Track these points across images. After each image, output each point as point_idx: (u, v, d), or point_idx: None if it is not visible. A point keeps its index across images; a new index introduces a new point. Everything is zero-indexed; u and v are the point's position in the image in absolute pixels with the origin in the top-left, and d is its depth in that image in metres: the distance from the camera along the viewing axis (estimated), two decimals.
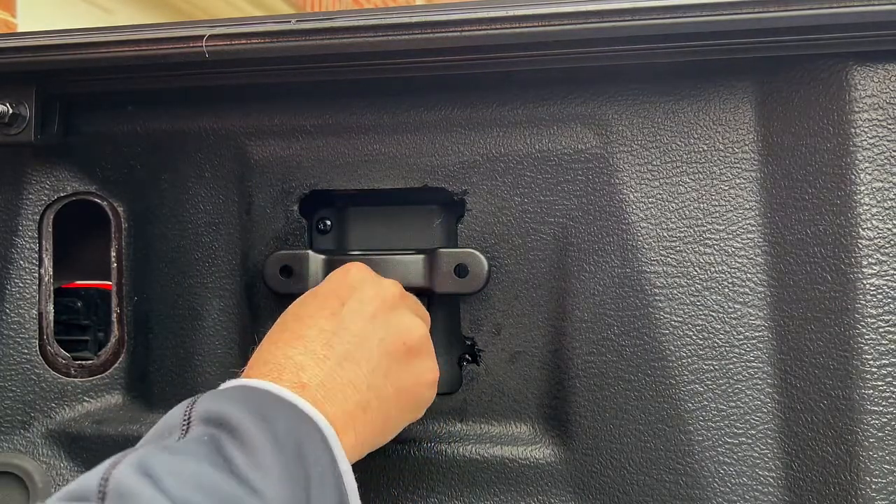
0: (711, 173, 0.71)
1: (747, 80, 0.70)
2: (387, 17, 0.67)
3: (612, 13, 0.63)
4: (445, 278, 0.74)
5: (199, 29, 0.70)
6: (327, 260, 0.76)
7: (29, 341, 0.84)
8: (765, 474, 0.70)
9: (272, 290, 0.77)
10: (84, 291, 1.03)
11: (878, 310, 0.66)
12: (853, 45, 0.64)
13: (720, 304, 0.70)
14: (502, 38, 0.65)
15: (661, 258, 0.72)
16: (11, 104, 0.75)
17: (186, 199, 0.81)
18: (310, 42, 0.68)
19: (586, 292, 0.73)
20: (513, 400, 0.76)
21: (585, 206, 0.73)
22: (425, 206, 0.81)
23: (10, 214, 0.84)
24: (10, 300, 0.84)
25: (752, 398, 0.70)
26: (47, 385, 0.84)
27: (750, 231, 0.70)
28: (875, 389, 0.66)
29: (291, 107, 0.78)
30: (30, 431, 0.84)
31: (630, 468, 0.72)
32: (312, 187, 0.78)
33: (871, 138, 0.66)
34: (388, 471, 0.77)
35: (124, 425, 0.82)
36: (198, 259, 0.81)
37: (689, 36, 0.64)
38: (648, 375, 0.72)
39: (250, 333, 0.81)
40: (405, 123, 0.76)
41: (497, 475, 0.75)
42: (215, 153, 0.80)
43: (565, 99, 0.73)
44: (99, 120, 0.82)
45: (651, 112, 0.72)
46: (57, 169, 0.84)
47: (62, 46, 0.73)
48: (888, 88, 0.66)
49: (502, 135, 0.75)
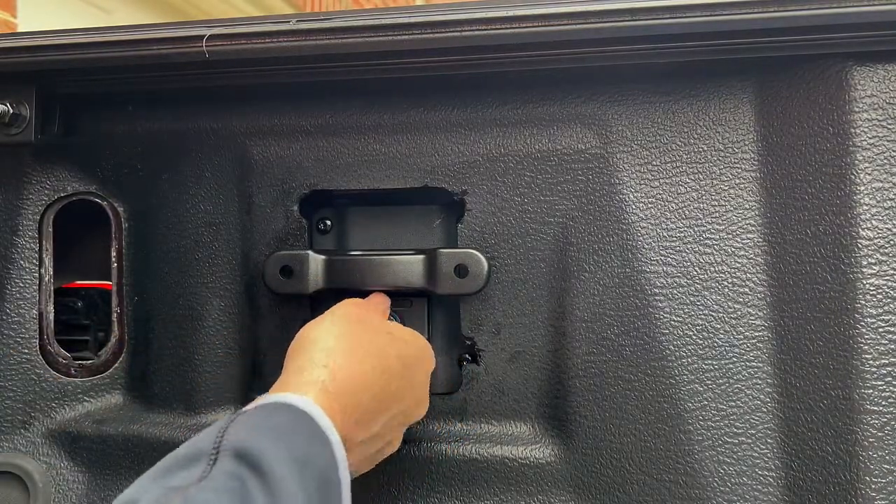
0: (711, 173, 0.71)
1: (747, 80, 0.70)
2: (387, 17, 0.67)
3: (612, 13, 0.63)
4: (445, 278, 0.74)
5: (199, 29, 0.70)
6: (327, 260, 0.76)
7: (29, 341, 0.84)
8: (765, 474, 0.70)
9: (272, 290, 0.77)
10: (84, 291, 1.03)
11: (878, 310, 0.66)
12: (853, 45, 0.64)
13: (720, 304, 0.70)
14: (502, 38, 0.65)
15: (661, 258, 0.72)
16: (11, 104, 0.75)
17: (186, 199, 0.81)
18: (310, 42, 0.68)
19: (586, 292, 0.73)
20: (513, 400, 0.76)
21: (585, 206, 0.73)
22: (425, 206, 0.81)
23: (10, 214, 0.84)
24: (10, 300, 0.84)
25: (752, 398, 0.70)
26: (47, 385, 0.84)
27: (750, 231, 0.70)
28: (875, 389, 0.66)
29: (291, 107, 0.78)
30: (30, 431, 0.84)
31: (630, 468, 0.72)
32: (312, 187, 0.78)
33: (871, 138, 0.66)
34: (388, 471, 0.77)
35: (124, 425, 0.82)
36: (198, 259, 0.81)
37: (689, 36, 0.64)
38: (648, 375, 0.72)
39: (250, 333, 0.81)
40: (405, 123, 0.76)
41: (497, 475, 0.75)
42: (215, 153, 0.80)
43: (565, 99, 0.73)
44: (99, 120, 0.82)
45: (651, 112, 0.72)
46: (57, 169, 0.84)
47: (62, 46, 0.73)
48: (888, 88, 0.66)
49: (502, 135, 0.75)
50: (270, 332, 0.80)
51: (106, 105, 0.82)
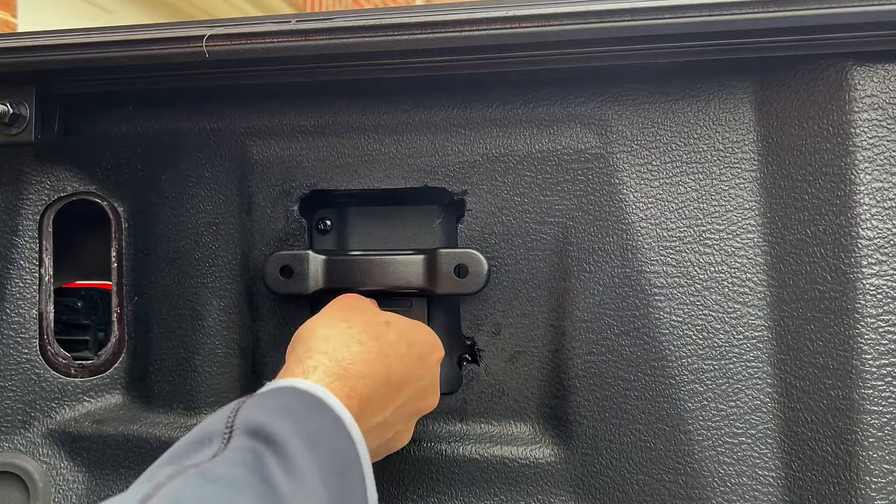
0: (711, 173, 0.71)
1: (747, 80, 0.70)
2: (387, 17, 0.67)
3: (612, 13, 0.63)
4: (445, 279, 0.74)
5: (199, 29, 0.70)
6: (327, 260, 0.76)
7: (29, 341, 0.84)
8: (765, 474, 0.70)
9: (272, 290, 0.77)
10: (84, 291, 1.03)
11: (878, 310, 0.66)
12: (853, 45, 0.64)
13: (720, 304, 0.70)
14: (502, 38, 0.65)
15: (661, 258, 0.72)
16: (11, 104, 0.75)
17: (186, 199, 0.81)
18: (310, 42, 0.68)
19: (586, 292, 0.73)
20: (513, 400, 0.76)
21: (585, 206, 0.73)
22: (425, 206, 0.81)
23: (10, 214, 0.84)
24: (10, 300, 0.84)
25: (752, 398, 0.70)
26: (47, 385, 0.84)
27: (750, 231, 0.70)
28: (875, 389, 0.66)
29: (291, 107, 0.78)
30: (30, 431, 0.84)
31: (630, 468, 0.72)
32: (312, 187, 0.78)
33: (871, 138, 0.66)
34: (388, 471, 0.77)
35: (124, 425, 0.82)
36: (198, 259, 0.81)
37: (689, 36, 0.64)
38: (648, 375, 0.72)
39: (250, 333, 0.81)
40: (405, 123, 0.76)
41: (497, 475, 0.75)
42: (215, 153, 0.80)
43: (565, 99, 0.73)
44: (99, 120, 0.82)
45: (651, 112, 0.72)
46: (57, 169, 0.84)
47: (62, 46, 0.73)
48: (888, 88, 0.66)
49: (502, 135, 0.75)
50: (270, 332, 0.80)
51: (106, 105, 0.82)
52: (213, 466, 0.44)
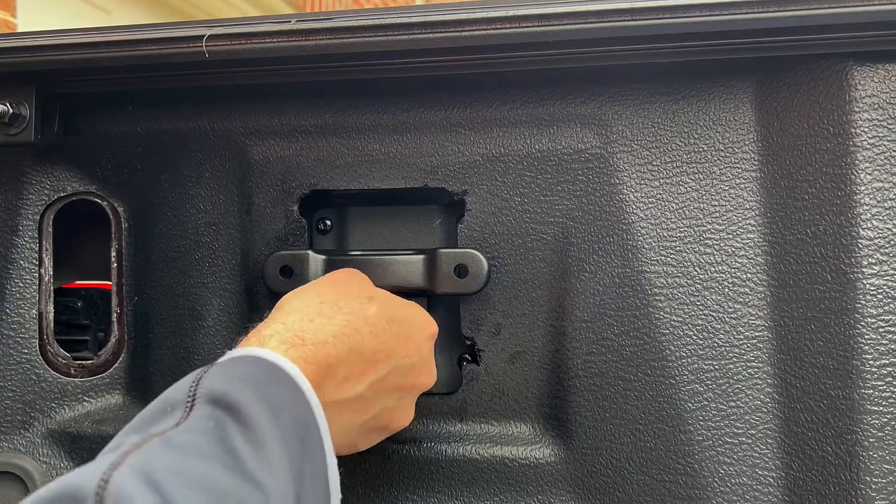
0: (711, 173, 0.71)
1: (747, 80, 0.70)
2: (387, 17, 0.67)
3: (612, 13, 0.63)
4: (445, 278, 0.74)
5: (199, 29, 0.70)
6: (327, 260, 0.76)
7: (29, 341, 0.84)
8: (765, 474, 0.70)
9: (272, 290, 0.77)
10: (84, 291, 1.03)
11: (878, 310, 0.66)
12: (853, 45, 0.64)
13: (720, 304, 0.70)
14: (502, 38, 0.65)
15: (661, 258, 0.72)
16: (11, 104, 0.75)
17: (186, 199, 0.81)
18: (310, 42, 0.68)
19: (586, 292, 0.73)
20: (513, 400, 0.76)
21: (585, 206, 0.73)
22: (425, 206, 0.81)
23: (10, 214, 0.84)
24: (10, 300, 0.84)
25: (752, 398, 0.70)
26: (47, 385, 0.84)
27: (750, 231, 0.70)
28: (875, 389, 0.66)
29: (291, 107, 0.78)
30: (30, 431, 0.84)
31: (630, 468, 0.72)
32: (312, 187, 0.78)
33: (871, 138, 0.66)
34: (388, 471, 0.77)
35: (124, 425, 0.82)
36: (198, 259, 0.81)
37: (689, 36, 0.64)
38: (648, 375, 0.72)
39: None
40: (405, 123, 0.76)
41: (497, 475, 0.75)
42: (215, 153, 0.80)
43: (565, 99, 0.73)
44: (99, 120, 0.82)
45: (651, 112, 0.72)
46: (57, 169, 0.84)
47: (62, 46, 0.73)
48: (888, 88, 0.66)
49: (502, 135, 0.75)
50: None
51: (106, 105, 0.82)
52: (177, 435, 0.46)
